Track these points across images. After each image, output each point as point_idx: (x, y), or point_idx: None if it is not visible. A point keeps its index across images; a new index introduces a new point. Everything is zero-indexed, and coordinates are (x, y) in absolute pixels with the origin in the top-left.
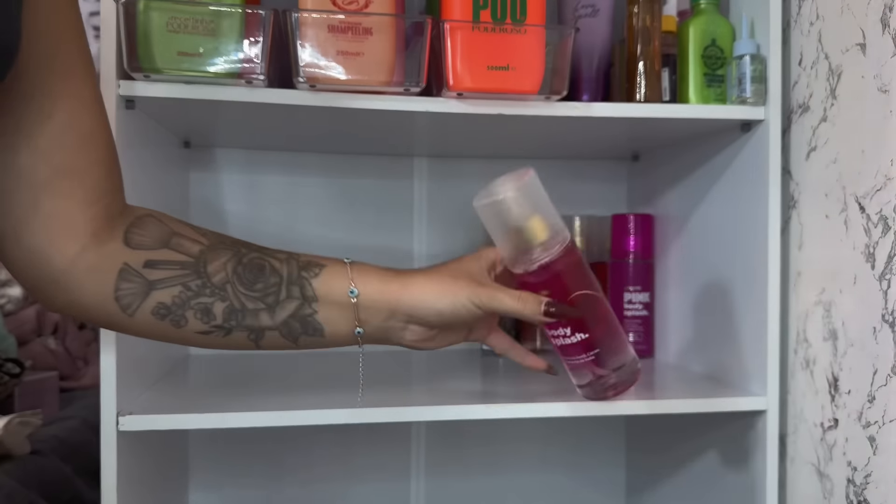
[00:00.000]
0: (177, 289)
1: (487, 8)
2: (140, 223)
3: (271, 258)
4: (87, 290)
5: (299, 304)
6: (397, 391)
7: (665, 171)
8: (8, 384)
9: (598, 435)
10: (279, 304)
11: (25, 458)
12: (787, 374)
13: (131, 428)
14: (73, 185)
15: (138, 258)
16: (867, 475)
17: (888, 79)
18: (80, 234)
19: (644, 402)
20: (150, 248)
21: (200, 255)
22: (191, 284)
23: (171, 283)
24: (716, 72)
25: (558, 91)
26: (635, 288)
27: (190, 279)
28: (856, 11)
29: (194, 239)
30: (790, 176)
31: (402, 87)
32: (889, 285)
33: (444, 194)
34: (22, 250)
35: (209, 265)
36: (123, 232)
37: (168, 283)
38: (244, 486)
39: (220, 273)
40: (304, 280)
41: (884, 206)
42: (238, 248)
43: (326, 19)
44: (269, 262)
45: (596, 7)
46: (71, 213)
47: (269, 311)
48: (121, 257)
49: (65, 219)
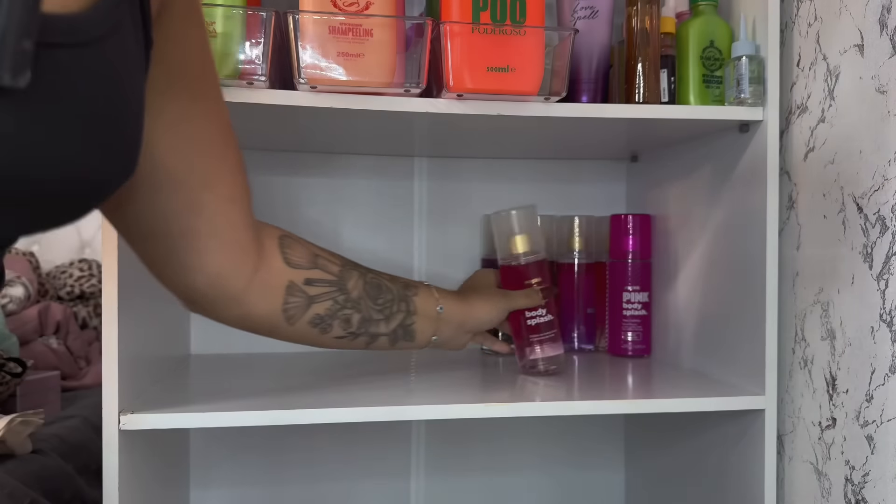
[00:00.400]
0: (329, 302)
1: (487, 9)
2: (285, 244)
3: (382, 278)
4: (260, 304)
5: (404, 316)
6: (397, 390)
7: (664, 171)
8: (10, 384)
9: (598, 434)
10: (392, 316)
11: (27, 458)
12: (786, 374)
13: (133, 427)
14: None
15: (299, 276)
16: (865, 474)
17: (886, 79)
18: (251, 257)
19: (643, 402)
20: (306, 268)
21: (340, 274)
22: (338, 299)
23: (325, 298)
24: (714, 73)
25: (557, 92)
26: (634, 288)
27: (337, 294)
28: (854, 13)
29: (330, 259)
30: (788, 176)
31: (402, 88)
32: (887, 285)
33: (444, 194)
34: (205, 276)
35: (348, 283)
36: (279, 252)
37: (323, 298)
38: (245, 485)
39: (356, 290)
40: (408, 298)
41: (881, 207)
42: (357, 267)
43: (327, 20)
44: (384, 282)
45: (595, 9)
46: (242, 238)
47: (386, 322)
48: (286, 276)
49: (240, 244)
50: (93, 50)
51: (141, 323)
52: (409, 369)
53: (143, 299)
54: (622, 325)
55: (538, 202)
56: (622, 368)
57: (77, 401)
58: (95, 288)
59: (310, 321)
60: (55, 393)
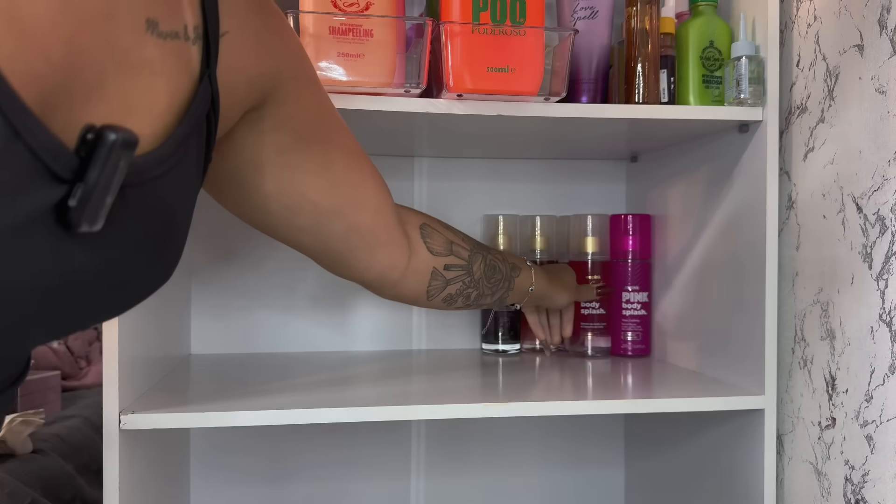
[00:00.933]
0: (459, 284)
1: (487, 10)
2: (426, 233)
3: (497, 259)
4: (410, 287)
5: (505, 291)
6: (397, 390)
7: (663, 171)
8: None
9: (597, 433)
10: (497, 291)
11: (28, 457)
12: (785, 374)
13: (133, 427)
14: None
15: (440, 262)
16: (865, 474)
17: (886, 80)
18: (404, 250)
19: (643, 401)
20: (444, 255)
21: (469, 258)
22: (466, 280)
23: (457, 281)
24: (714, 73)
25: (557, 92)
26: (634, 288)
27: (466, 277)
28: (853, 13)
29: (461, 245)
30: (788, 176)
31: (402, 88)
32: (886, 285)
33: (444, 194)
34: (372, 272)
35: (473, 265)
36: (422, 241)
37: (455, 281)
38: (245, 484)
39: (479, 272)
40: (511, 278)
41: (881, 207)
42: (482, 250)
43: (327, 21)
44: (498, 263)
45: (595, 9)
46: (395, 236)
47: (492, 295)
48: (430, 263)
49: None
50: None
51: (141, 323)
52: (409, 369)
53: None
54: (622, 325)
55: (538, 202)
56: (622, 368)
57: (77, 400)
58: None
59: (443, 298)
60: (55, 393)
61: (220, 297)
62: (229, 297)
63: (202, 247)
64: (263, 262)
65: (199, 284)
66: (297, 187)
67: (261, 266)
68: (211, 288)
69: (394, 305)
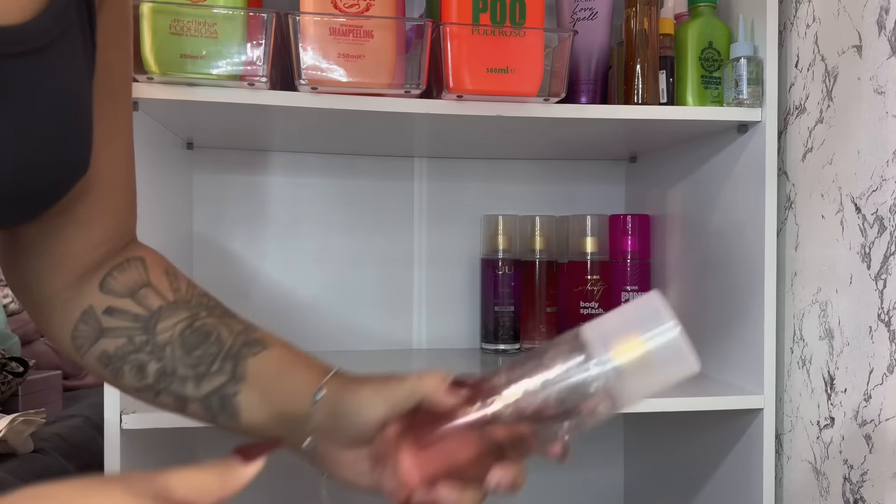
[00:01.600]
0: (121, 340)
1: (487, 11)
2: (123, 267)
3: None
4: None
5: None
6: None
7: (663, 172)
8: (11, 383)
9: (597, 434)
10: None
11: (29, 457)
12: (784, 373)
13: (134, 426)
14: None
15: (102, 303)
16: (863, 473)
17: (884, 80)
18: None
19: (642, 401)
20: (117, 296)
21: (158, 311)
22: (135, 339)
23: (119, 335)
24: (713, 74)
25: (557, 93)
26: (633, 288)
27: (136, 333)
28: (852, 14)
29: (162, 294)
30: (786, 177)
31: (402, 88)
32: (885, 285)
33: (444, 194)
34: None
35: (160, 323)
36: (104, 274)
37: (116, 334)
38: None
39: (166, 332)
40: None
41: (879, 207)
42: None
43: (328, 22)
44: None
45: (594, 10)
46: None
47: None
48: (88, 299)
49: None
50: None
51: None
52: (408, 369)
53: None
54: None
55: (538, 202)
56: None
57: (79, 400)
58: None
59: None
60: (57, 392)
61: (220, 297)
62: (229, 297)
63: (202, 246)
64: (263, 262)
65: (199, 284)
66: None
67: (261, 265)
68: (211, 287)
69: (394, 305)
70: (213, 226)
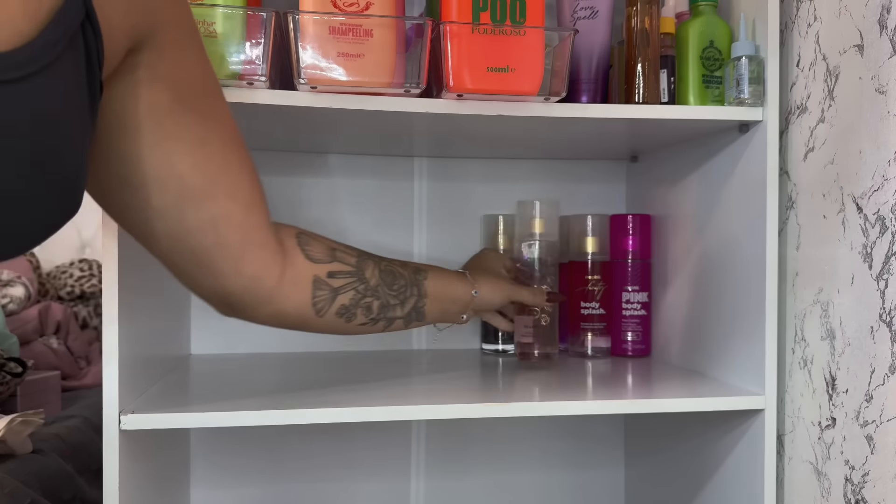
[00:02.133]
0: (352, 292)
1: (487, 10)
2: (303, 241)
3: (394, 265)
4: (291, 302)
5: (416, 300)
6: (397, 390)
7: (663, 171)
8: (10, 384)
9: (598, 434)
10: (406, 300)
11: (27, 458)
12: (785, 374)
13: (133, 427)
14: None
15: (321, 270)
16: (865, 474)
17: (886, 80)
18: (278, 256)
19: (643, 401)
20: (326, 262)
21: (357, 264)
22: (359, 288)
23: (348, 289)
24: (714, 73)
25: (557, 92)
26: (634, 288)
27: (357, 284)
28: (853, 13)
29: (345, 251)
30: (788, 176)
31: (402, 88)
32: (886, 285)
33: (444, 194)
34: (241, 279)
35: (365, 272)
36: (299, 249)
37: (346, 289)
38: (245, 485)
39: (373, 278)
40: (419, 282)
41: (881, 207)
42: (371, 257)
43: (327, 21)
44: (396, 269)
45: (595, 9)
46: (268, 239)
47: (401, 306)
48: (310, 271)
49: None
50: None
51: (141, 323)
52: (408, 369)
53: (143, 299)
54: (622, 325)
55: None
56: (622, 368)
57: (77, 401)
58: (96, 288)
59: (336, 312)
60: (55, 393)
61: None
62: None
63: None
64: None
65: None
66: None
67: None
68: None
69: None
70: None
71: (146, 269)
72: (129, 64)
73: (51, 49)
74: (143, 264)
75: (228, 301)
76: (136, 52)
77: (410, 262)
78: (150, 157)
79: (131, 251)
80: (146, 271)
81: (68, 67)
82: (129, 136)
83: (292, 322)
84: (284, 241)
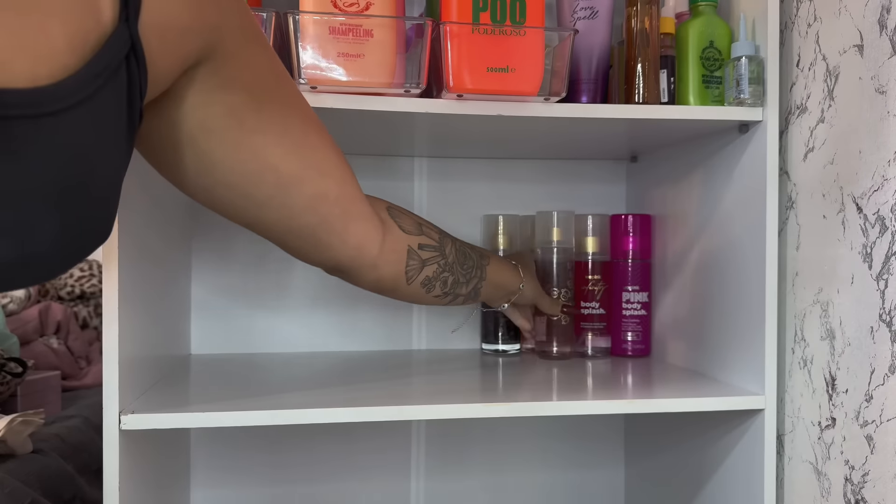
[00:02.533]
0: (434, 266)
1: (487, 10)
2: (394, 213)
3: (466, 247)
4: (390, 268)
5: (478, 281)
6: (398, 390)
7: (663, 171)
8: (10, 384)
9: (598, 434)
10: (470, 280)
11: (28, 457)
12: (785, 374)
13: (133, 427)
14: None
15: (414, 241)
16: (865, 474)
17: (885, 80)
18: (378, 226)
19: (642, 401)
20: (416, 235)
21: (440, 240)
22: (440, 262)
23: (432, 262)
24: (714, 73)
25: (557, 92)
26: (634, 288)
27: (440, 259)
28: (853, 13)
29: (430, 227)
30: (788, 177)
31: (402, 88)
32: (886, 285)
33: (444, 194)
34: (348, 249)
35: (445, 248)
36: (392, 220)
37: (432, 261)
38: (245, 485)
39: (451, 255)
40: (482, 266)
41: (881, 207)
42: (448, 235)
43: (327, 21)
44: (467, 250)
45: (595, 9)
46: (366, 210)
47: (466, 284)
48: (405, 241)
49: (367, 216)
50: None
51: (141, 323)
52: (409, 369)
53: (143, 299)
54: (622, 325)
55: (538, 202)
56: (622, 368)
57: (77, 401)
58: (96, 288)
59: (421, 282)
60: (56, 393)
61: (220, 297)
62: (229, 297)
63: (202, 246)
64: (264, 262)
65: (199, 284)
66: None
67: (261, 266)
68: (211, 288)
69: (394, 305)
70: (212, 225)
71: (146, 269)
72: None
73: (91, 81)
74: (144, 264)
75: (339, 268)
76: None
77: (477, 246)
78: (241, 156)
79: (131, 251)
80: (146, 271)
81: (109, 99)
82: (215, 143)
83: (386, 288)
84: (379, 213)
